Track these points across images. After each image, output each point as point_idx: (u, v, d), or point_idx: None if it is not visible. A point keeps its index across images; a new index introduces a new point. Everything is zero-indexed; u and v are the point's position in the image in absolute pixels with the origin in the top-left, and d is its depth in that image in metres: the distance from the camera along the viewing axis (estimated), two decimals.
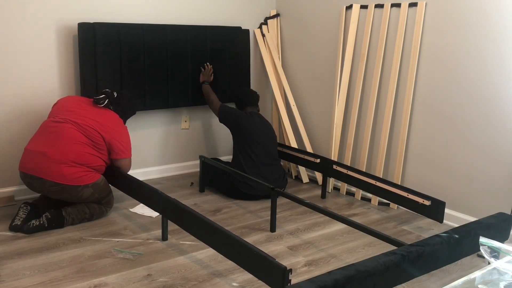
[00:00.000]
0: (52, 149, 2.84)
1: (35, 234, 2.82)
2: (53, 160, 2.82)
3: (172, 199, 2.68)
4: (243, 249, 2.15)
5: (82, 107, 3.06)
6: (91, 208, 3.01)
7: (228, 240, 2.25)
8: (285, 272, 1.90)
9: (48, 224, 2.85)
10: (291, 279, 1.91)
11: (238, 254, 2.21)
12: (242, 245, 2.16)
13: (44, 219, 2.85)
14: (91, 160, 2.92)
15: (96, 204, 3.04)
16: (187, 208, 2.55)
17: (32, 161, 2.87)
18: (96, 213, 3.04)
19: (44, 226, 2.84)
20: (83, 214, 2.98)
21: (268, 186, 3.05)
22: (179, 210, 2.60)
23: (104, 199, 3.07)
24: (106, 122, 3.02)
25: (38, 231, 2.84)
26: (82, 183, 2.88)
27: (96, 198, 3.00)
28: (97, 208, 3.04)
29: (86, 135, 2.92)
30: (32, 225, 2.83)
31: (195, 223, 2.48)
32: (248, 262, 2.14)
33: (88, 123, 2.95)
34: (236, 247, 2.20)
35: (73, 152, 2.86)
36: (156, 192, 2.77)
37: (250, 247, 2.11)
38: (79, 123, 2.93)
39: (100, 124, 2.98)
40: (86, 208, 2.99)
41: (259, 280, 2.10)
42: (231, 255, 2.26)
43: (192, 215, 2.49)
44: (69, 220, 2.93)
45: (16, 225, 2.83)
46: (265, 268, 2.02)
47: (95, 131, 2.94)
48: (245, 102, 3.72)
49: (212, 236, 2.37)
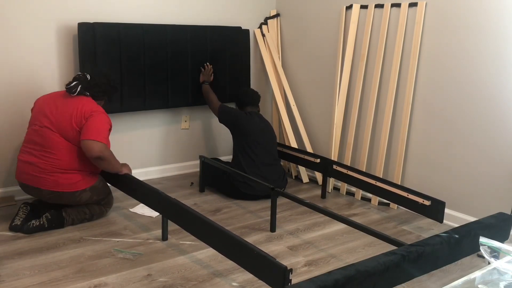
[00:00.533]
0: (41, 160, 2.81)
1: (35, 234, 2.82)
2: (44, 170, 2.80)
3: (172, 199, 2.68)
4: (243, 249, 2.15)
5: (56, 106, 2.86)
6: (91, 208, 3.01)
7: (228, 240, 2.25)
8: (286, 271, 1.90)
9: (48, 225, 2.85)
10: (291, 279, 1.91)
11: (238, 254, 2.21)
12: (242, 245, 2.16)
13: (44, 220, 2.85)
14: (83, 163, 2.88)
15: (96, 204, 3.03)
16: (187, 208, 2.55)
17: (26, 172, 2.85)
18: (96, 213, 3.04)
19: (44, 227, 2.84)
20: (83, 214, 2.98)
21: (268, 186, 3.05)
22: (179, 210, 2.60)
23: (103, 200, 3.06)
24: (81, 113, 2.81)
25: (38, 232, 2.84)
26: (79, 188, 2.87)
27: (95, 200, 2.99)
28: (97, 209, 3.04)
29: (68, 139, 2.83)
30: (32, 225, 2.83)
31: (195, 223, 2.48)
32: (248, 262, 2.14)
33: (64, 126, 2.81)
34: (236, 247, 2.20)
35: (62, 160, 2.81)
36: (156, 192, 2.77)
37: (251, 247, 2.11)
38: (58, 127, 2.81)
39: (77, 118, 2.81)
40: (86, 209, 2.99)
41: (260, 280, 2.10)
42: (231, 255, 2.26)
43: (192, 215, 2.49)
44: (69, 221, 2.92)
45: (16, 225, 2.83)
46: (265, 268, 2.02)
47: (73, 131, 2.81)
48: (246, 102, 3.72)
49: (212, 236, 2.37)
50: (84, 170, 2.89)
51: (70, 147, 2.83)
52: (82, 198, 2.91)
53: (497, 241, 1.50)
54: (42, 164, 2.80)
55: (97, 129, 2.80)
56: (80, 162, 2.86)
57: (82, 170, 2.88)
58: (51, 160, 2.80)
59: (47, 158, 2.80)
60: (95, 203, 3.02)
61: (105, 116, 2.90)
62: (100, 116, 2.86)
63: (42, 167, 2.80)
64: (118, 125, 3.71)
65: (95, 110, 2.87)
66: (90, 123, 2.79)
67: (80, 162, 2.86)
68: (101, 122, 2.84)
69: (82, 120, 2.81)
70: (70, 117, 2.81)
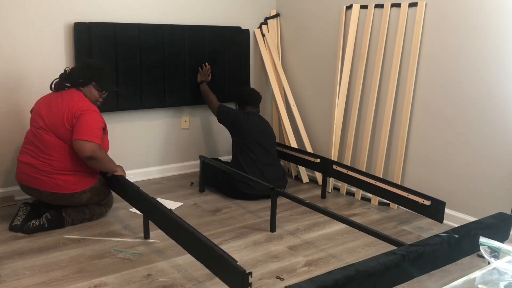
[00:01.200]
0: (39, 161, 2.80)
1: (35, 234, 2.82)
2: (43, 171, 2.79)
3: (151, 198, 2.68)
4: (208, 249, 2.11)
5: (50, 106, 2.83)
6: (91, 208, 3.01)
7: (196, 241, 2.23)
8: (244, 275, 1.87)
9: (48, 225, 2.85)
10: (251, 283, 1.88)
11: (204, 255, 2.18)
12: (207, 246, 2.12)
13: (44, 220, 2.85)
14: (81, 164, 2.86)
15: (96, 205, 3.03)
16: (162, 207, 2.56)
17: (25, 173, 2.84)
18: (96, 213, 3.04)
19: (44, 227, 2.84)
20: (83, 214, 2.98)
21: (268, 186, 3.05)
22: (157, 209, 2.60)
23: (103, 200, 3.06)
24: (72, 112, 2.77)
25: (38, 232, 2.84)
26: (78, 189, 2.87)
27: (95, 200, 2.99)
28: (97, 209, 3.04)
29: (63, 139, 2.80)
30: (32, 225, 2.83)
31: (169, 223, 2.47)
32: (213, 263, 2.11)
33: (57, 127, 2.78)
34: (202, 248, 2.18)
35: (59, 161, 2.81)
36: (136, 191, 2.77)
37: (213, 247, 2.08)
38: (52, 128, 2.79)
39: (68, 118, 2.77)
40: (86, 209, 2.99)
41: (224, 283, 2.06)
42: (198, 256, 2.25)
43: (165, 214, 2.50)
44: (69, 221, 2.92)
45: (16, 225, 2.83)
46: (226, 271, 2.00)
47: (66, 131, 2.77)
48: (247, 101, 3.72)
49: (183, 237, 2.36)
50: (83, 171, 2.88)
51: (66, 147, 2.81)
52: (82, 199, 2.91)
53: (497, 241, 1.50)
54: (40, 166, 2.79)
55: (89, 128, 2.74)
56: (77, 162, 2.84)
57: (81, 171, 2.87)
58: (48, 161, 2.80)
59: (45, 160, 2.80)
60: (96, 203, 3.02)
61: (96, 114, 2.82)
62: (91, 115, 2.79)
63: (40, 169, 2.79)
64: (118, 125, 3.71)
65: (86, 108, 2.80)
66: (81, 122, 2.74)
67: (77, 163, 2.84)
68: (92, 120, 2.77)
69: (73, 119, 2.77)
70: (62, 117, 2.78)
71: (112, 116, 3.64)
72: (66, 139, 2.80)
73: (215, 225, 3.06)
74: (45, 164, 2.80)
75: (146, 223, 2.80)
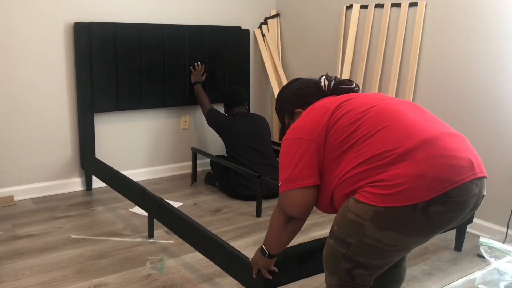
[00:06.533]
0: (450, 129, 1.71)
1: (34, 234, 2.82)
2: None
3: (157, 197, 2.70)
4: (218, 247, 2.13)
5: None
6: None
7: (204, 238, 2.25)
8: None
9: None
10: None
11: (213, 252, 2.20)
12: (216, 243, 2.14)
13: None
14: None
15: None
16: (169, 205, 2.56)
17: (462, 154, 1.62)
18: None
19: None
20: None
21: (254, 174, 3.12)
22: (162, 207, 2.61)
23: None
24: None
25: None
26: None
27: None
28: None
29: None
30: None
31: (169, 215, 2.50)
32: (223, 260, 2.12)
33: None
34: (211, 245, 2.20)
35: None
36: (141, 190, 2.77)
37: (225, 245, 2.09)
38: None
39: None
40: None
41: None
42: (206, 252, 2.26)
43: (171, 212, 2.52)
44: None
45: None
46: (239, 267, 1.99)
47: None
48: (230, 104, 3.74)
49: (191, 234, 2.38)
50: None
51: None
52: None
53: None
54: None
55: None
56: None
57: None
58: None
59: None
60: None
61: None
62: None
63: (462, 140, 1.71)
64: (118, 125, 3.71)
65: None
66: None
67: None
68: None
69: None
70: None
71: (112, 116, 3.64)
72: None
73: (215, 225, 3.06)
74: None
75: (151, 222, 2.80)
